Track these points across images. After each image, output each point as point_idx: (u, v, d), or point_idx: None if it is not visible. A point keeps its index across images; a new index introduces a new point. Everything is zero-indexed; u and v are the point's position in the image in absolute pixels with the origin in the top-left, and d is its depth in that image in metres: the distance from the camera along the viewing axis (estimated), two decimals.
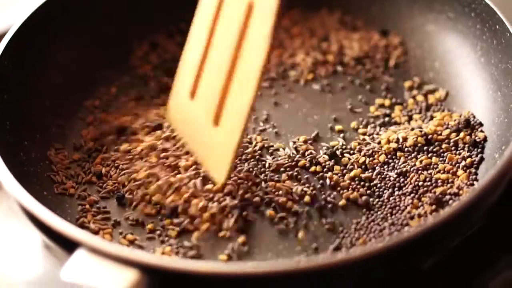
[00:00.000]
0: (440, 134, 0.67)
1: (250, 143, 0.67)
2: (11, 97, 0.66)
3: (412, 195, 0.64)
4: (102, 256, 0.51)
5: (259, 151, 0.67)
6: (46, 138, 0.68)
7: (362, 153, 0.66)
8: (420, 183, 0.64)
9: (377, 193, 0.64)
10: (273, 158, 0.66)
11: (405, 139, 0.67)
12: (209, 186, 0.62)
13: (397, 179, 0.65)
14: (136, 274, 0.50)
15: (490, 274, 0.64)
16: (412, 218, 0.62)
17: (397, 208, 0.63)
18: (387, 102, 0.72)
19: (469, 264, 0.64)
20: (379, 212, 0.63)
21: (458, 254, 0.64)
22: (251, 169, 0.65)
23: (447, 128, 0.68)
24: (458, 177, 0.64)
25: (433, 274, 0.62)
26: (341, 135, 0.69)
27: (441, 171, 0.65)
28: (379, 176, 0.65)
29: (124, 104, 0.72)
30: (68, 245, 0.53)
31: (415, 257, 0.56)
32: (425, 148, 0.66)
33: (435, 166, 0.65)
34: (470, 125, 0.68)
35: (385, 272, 0.55)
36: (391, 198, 0.63)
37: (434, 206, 0.62)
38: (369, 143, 0.67)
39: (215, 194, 0.62)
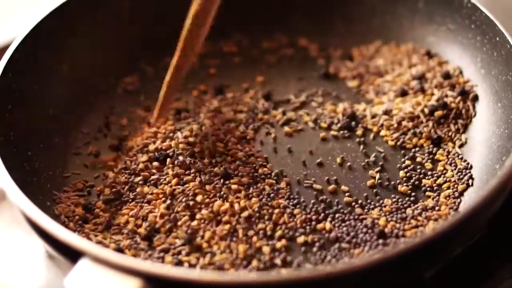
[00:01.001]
0: None
1: None
2: (15, 108, 0.66)
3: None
4: (106, 266, 0.52)
5: None
6: (50, 149, 0.68)
7: None
8: None
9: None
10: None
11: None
12: None
13: None
14: (139, 283, 0.51)
15: (490, 284, 0.64)
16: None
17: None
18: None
19: (470, 274, 0.64)
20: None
21: (458, 264, 0.64)
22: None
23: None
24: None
25: (434, 284, 0.63)
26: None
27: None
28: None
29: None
30: (72, 255, 0.53)
31: (417, 267, 0.56)
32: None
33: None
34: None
35: (386, 282, 0.55)
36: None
37: None
38: None
39: None
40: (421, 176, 0.67)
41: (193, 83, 0.76)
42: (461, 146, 0.69)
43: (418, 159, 0.68)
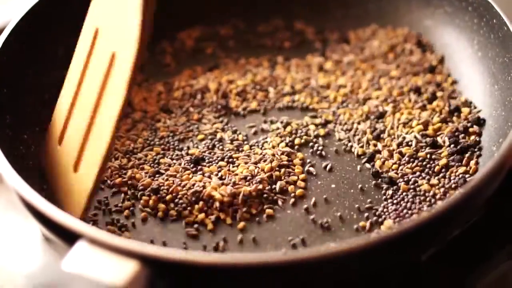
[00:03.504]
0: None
1: None
2: (10, 92, 0.66)
3: None
4: (103, 248, 0.52)
5: None
6: (44, 132, 0.68)
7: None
8: None
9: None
10: None
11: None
12: None
13: None
14: (136, 265, 0.51)
15: (487, 268, 0.64)
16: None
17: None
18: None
19: (466, 257, 0.64)
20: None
21: (456, 247, 0.65)
22: None
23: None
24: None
25: (432, 266, 0.63)
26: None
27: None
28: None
29: None
30: (69, 237, 0.53)
31: (414, 248, 0.57)
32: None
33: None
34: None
35: (385, 261, 0.55)
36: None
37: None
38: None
39: None
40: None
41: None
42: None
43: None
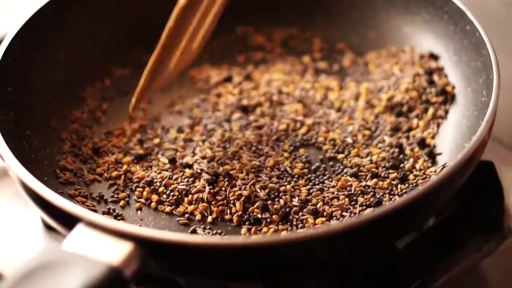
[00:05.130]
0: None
1: None
2: (15, 90, 0.70)
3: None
4: (100, 230, 0.55)
5: None
6: (47, 129, 0.72)
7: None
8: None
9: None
10: None
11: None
12: None
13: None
14: (131, 246, 0.55)
15: (459, 256, 0.68)
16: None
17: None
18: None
19: (441, 246, 0.68)
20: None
21: (430, 236, 0.69)
22: None
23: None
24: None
25: (408, 254, 0.67)
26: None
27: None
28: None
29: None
30: (69, 221, 0.57)
31: (386, 235, 0.60)
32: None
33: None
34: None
35: (360, 246, 0.59)
36: None
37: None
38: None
39: None
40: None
41: None
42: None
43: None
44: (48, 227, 0.71)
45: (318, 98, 0.77)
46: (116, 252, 0.54)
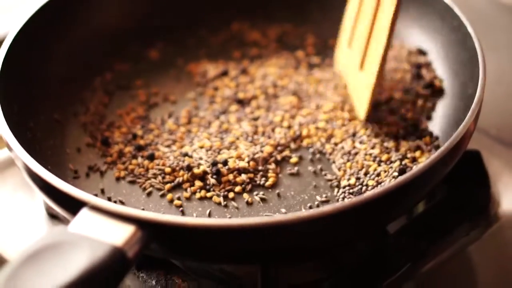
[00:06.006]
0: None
1: None
2: (18, 83, 0.73)
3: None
4: (104, 214, 0.58)
5: None
6: (50, 121, 0.75)
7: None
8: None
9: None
10: None
11: None
12: None
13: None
14: (133, 228, 0.57)
15: (447, 241, 0.70)
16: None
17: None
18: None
19: (430, 231, 0.71)
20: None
21: (420, 223, 0.71)
22: None
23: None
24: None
25: (398, 239, 0.69)
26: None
27: None
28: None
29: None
30: (73, 206, 0.59)
31: (380, 216, 0.62)
32: None
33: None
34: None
35: (352, 230, 0.62)
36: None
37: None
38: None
39: None
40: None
41: None
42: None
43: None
44: (52, 216, 0.73)
45: (311, 91, 0.79)
46: (120, 234, 0.56)
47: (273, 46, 0.86)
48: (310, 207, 0.68)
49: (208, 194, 0.70)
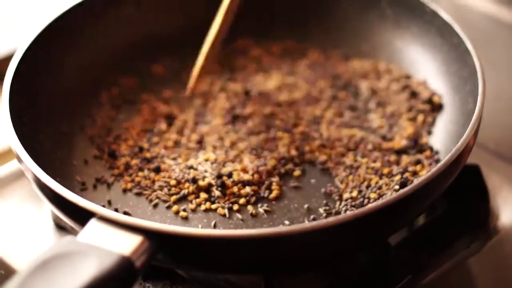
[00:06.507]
0: None
1: None
2: (27, 96, 0.74)
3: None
4: (112, 224, 0.59)
5: None
6: (58, 133, 0.76)
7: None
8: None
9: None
10: None
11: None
12: None
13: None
14: (141, 239, 0.58)
15: (448, 254, 0.71)
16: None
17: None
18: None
19: (431, 244, 0.72)
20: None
21: (421, 235, 0.73)
22: None
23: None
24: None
25: (400, 250, 0.71)
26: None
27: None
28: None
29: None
30: (82, 216, 0.60)
31: (381, 228, 0.64)
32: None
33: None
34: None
35: (355, 241, 0.63)
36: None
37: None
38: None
39: None
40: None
41: None
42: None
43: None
44: (59, 227, 0.75)
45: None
46: (127, 244, 0.57)
47: (276, 62, 0.87)
48: (314, 219, 0.70)
49: (213, 206, 0.71)
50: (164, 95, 0.84)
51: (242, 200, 0.72)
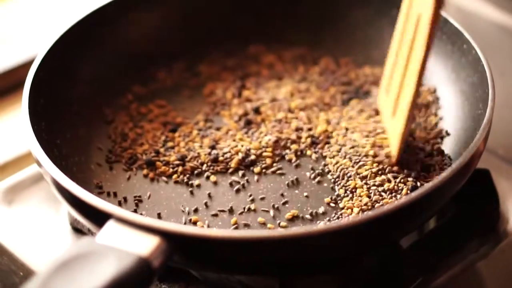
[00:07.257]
0: None
1: None
2: (46, 102, 0.76)
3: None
4: (130, 226, 0.60)
5: None
6: (75, 139, 0.78)
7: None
8: None
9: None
10: None
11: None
12: None
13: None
14: (158, 240, 0.60)
15: (458, 257, 0.73)
16: None
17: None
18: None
19: (441, 247, 0.73)
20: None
21: (431, 239, 0.74)
22: None
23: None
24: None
25: (411, 253, 0.72)
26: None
27: None
28: None
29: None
30: (100, 218, 0.62)
31: (393, 230, 0.65)
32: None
33: None
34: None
35: (367, 243, 0.64)
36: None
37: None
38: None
39: None
40: None
41: None
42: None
43: None
44: (76, 229, 0.76)
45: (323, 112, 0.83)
46: (145, 245, 0.59)
47: (288, 68, 0.89)
48: (329, 220, 0.71)
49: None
50: (177, 101, 0.85)
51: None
